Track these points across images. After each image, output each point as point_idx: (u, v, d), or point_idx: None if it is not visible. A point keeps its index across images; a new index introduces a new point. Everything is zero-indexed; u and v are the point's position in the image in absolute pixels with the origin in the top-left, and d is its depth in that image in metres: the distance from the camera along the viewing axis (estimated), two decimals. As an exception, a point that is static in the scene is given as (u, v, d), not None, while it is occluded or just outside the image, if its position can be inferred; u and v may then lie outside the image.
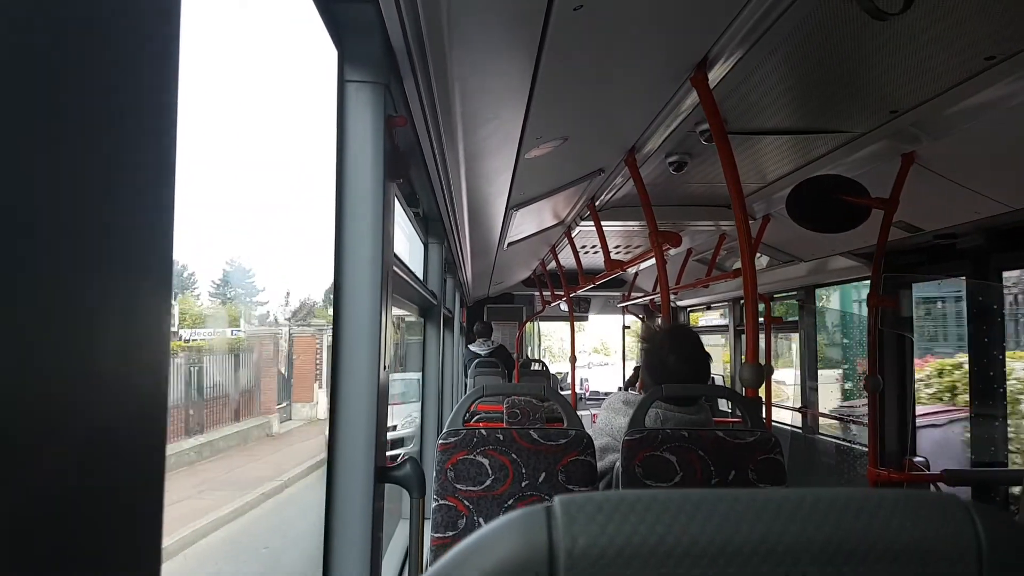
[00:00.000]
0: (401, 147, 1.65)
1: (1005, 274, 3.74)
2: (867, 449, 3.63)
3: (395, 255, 1.86)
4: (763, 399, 5.35)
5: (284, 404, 4.49)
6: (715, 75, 2.16)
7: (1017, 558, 0.35)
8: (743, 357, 2.34)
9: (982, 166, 2.90)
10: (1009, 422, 3.69)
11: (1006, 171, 2.87)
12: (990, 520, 0.36)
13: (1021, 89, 2.22)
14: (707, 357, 2.57)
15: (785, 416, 6.25)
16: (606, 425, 2.61)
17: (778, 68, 2.30)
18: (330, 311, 1.50)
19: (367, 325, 1.45)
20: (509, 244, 5.30)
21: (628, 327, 10.85)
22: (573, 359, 8.31)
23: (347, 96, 1.43)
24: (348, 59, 1.44)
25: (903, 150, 2.89)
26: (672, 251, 3.99)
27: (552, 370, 10.20)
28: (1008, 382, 3.65)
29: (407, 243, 3.96)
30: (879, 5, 1.65)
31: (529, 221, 4.62)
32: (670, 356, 2.48)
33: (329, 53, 1.42)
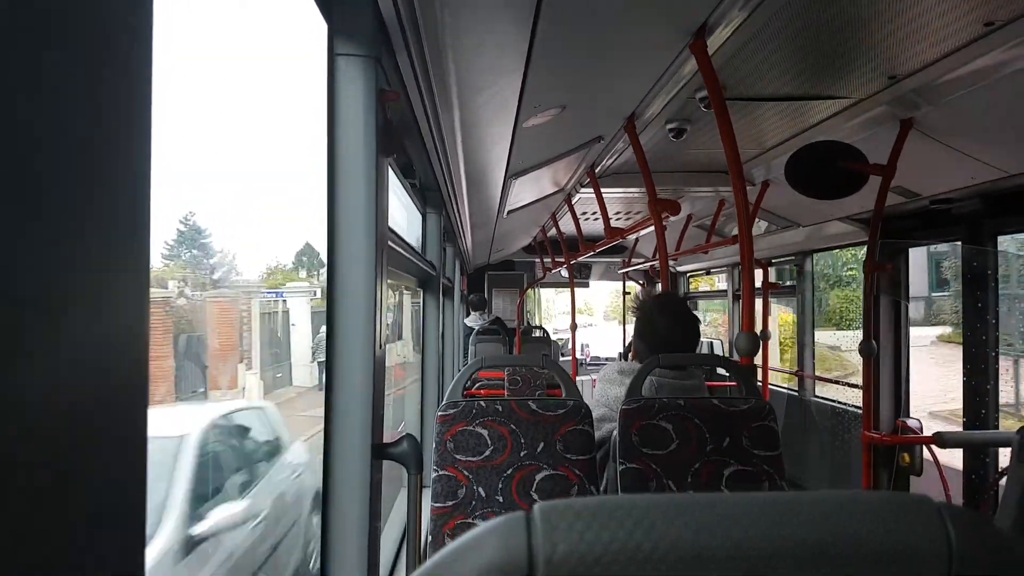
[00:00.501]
0: (395, 120, 1.64)
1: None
2: (861, 411, 3.67)
3: (391, 229, 1.86)
4: (761, 364, 5.40)
5: (199, 391, 3.68)
6: (714, 42, 2.15)
7: (985, 557, 0.36)
8: (740, 324, 2.36)
9: (979, 132, 2.89)
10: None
11: (1003, 137, 2.86)
12: (960, 521, 0.36)
13: (1019, 55, 2.21)
14: (696, 320, 2.68)
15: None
16: (602, 396, 2.66)
17: (777, 34, 2.28)
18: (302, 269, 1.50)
19: (363, 302, 1.46)
20: (509, 212, 5.30)
21: (628, 293, 10.88)
22: (574, 326, 8.33)
23: (337, 70, 1.42)
24: (338, 32, 1.42)
25: (901, 116, 2.88)
26: (672, 218, 3.99)
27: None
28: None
29: (404, 213, 3.95)
30: None
31: (529, 189, 4.61)
32: (661, 322, 2.57)
33: (319, 26, 1.40)
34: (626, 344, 9.85)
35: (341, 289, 1.46)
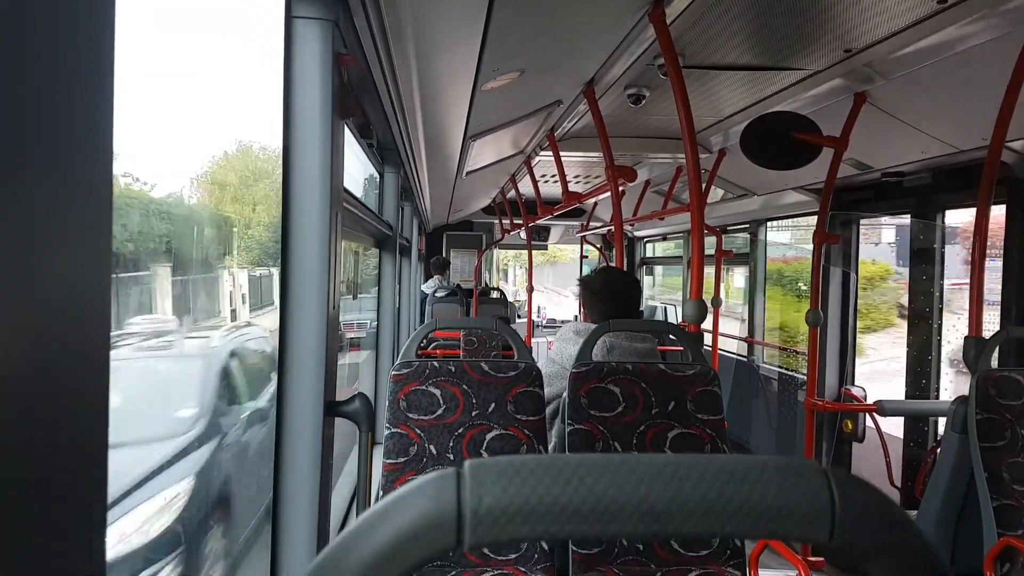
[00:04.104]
0: (353, 82, 1.63)
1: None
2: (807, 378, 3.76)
3: (346, 190, 1.85)
4: (712, 330, 5.49)
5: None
6: (673, 10, 2.16)
7: (865, 517, 0.40)
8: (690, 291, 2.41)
9: (931, 107, 2.95)
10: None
11: (953, 113, 2.93)
12: (843, 482, 0.40)
13: (971, 33, 2.25)
14: (636, 283, 3.00)
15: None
16: (557, 354, 2.74)
17: (737, 3, 2.30)
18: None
19: (316, 262, 1.46)
20: (468, 173, 5.27)
21: (586, 256, 10.94)
22: (530, 288, 8.37)
23: (294, 33, 1.40)
24: None
25: (855, 89, 2.93)
26: (630, 184, 4.02)
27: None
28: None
29: (362, 171, 3.91)
30: None
31: (488, 150, 4.60)
32: (604, 290, 2.80)
33: (275, -14, 1.38)
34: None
35: (296, 249, 1.46)
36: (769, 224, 5.67)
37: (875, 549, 0.40)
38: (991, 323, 2.98)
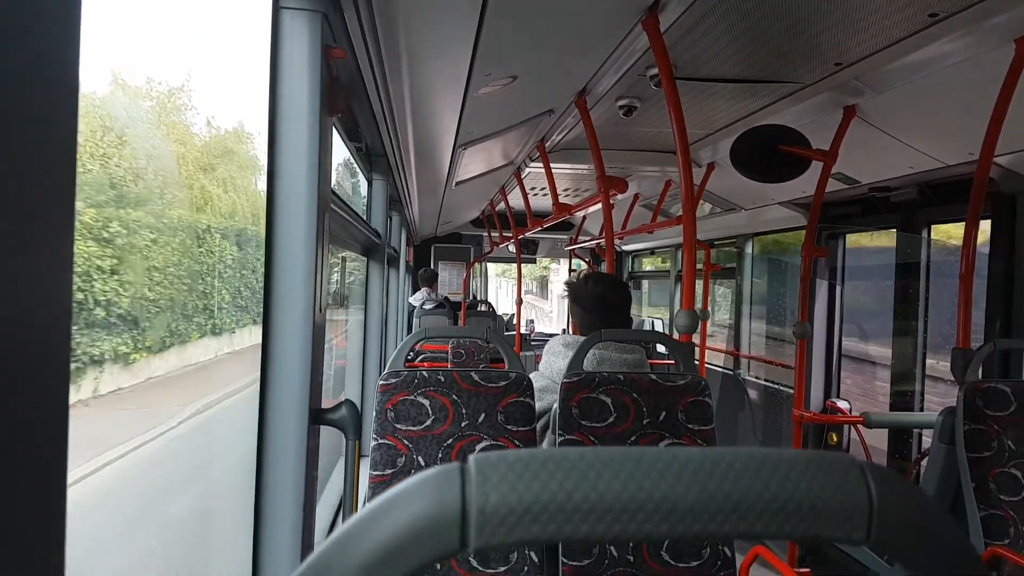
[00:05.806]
0: (342, 80, 1.60)
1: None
2: (793, 391, 3.76)
3: (334, 192, 1.82)
4: (699, 343, 5.49)
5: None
6: (666, 19, 2.16)
7: (904, 513, 0.38)
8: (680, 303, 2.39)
9: (919, 122, 2.96)
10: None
11: (941, 128, 2.94)
12: (881, 479, 0.38)
13: (961, 47, 2.26)
14: (626, 288, 2.82)
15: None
16: (547, 368, 2.69)
17: (729, 15, 2.30)
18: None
19: (302, 265, 1.43)
20: (458, 183, 5.26)
21: (574, 271, 10.94)
22: (519, 301, 8.35)
23: (281, 23, 1.38)
24: None
25: (845, 103, 2.93)
26: (619, 196, 4.01)
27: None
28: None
29: (349, 177, 3.89)
30: None
31: (478, 160, 4.59)
32: (594, 294, 2.70)
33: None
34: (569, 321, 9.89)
35: (280, 250, 1.43)
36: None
37: (913, 546, 0.38)
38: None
